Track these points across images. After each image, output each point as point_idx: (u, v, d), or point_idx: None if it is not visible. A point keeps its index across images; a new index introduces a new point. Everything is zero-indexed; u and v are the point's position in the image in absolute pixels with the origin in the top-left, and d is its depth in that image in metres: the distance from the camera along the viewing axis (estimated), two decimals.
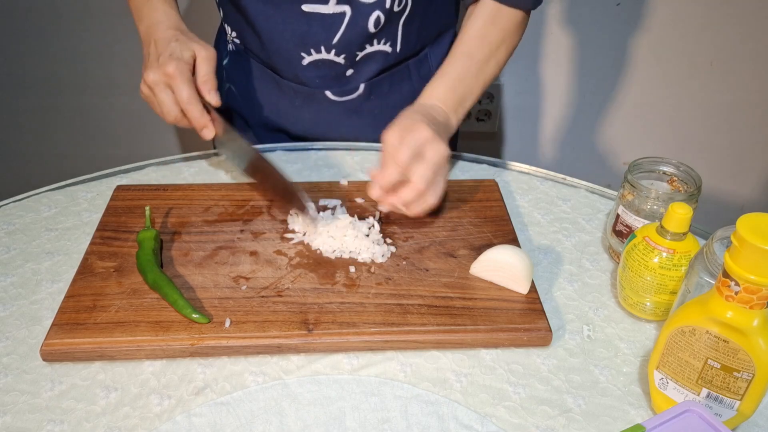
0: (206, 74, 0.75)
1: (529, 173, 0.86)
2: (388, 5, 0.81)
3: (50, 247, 0.73)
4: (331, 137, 0.94)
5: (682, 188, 0.67)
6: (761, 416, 0.56)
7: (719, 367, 0.49)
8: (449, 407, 0.56)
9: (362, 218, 0.73)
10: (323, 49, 0.85)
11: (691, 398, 0.52)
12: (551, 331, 0.61)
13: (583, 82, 1.59)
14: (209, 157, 0.88)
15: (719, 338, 0.48)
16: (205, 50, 0.76)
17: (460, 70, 0.78)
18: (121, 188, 0.79)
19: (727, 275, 0.45)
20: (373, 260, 0.68)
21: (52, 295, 0.66)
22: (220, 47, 0.96)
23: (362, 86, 0.91)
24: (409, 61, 0.92)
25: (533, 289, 0.65)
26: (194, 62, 0.75)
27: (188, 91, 0.73)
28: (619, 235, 0.69)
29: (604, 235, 0.75)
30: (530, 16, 0.83)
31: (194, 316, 0.60)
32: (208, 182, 0.82)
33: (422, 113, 0.72)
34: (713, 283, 0.49)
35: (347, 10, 0.81)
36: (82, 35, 1.53)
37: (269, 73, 0.91)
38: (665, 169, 0.69)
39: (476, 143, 1.71)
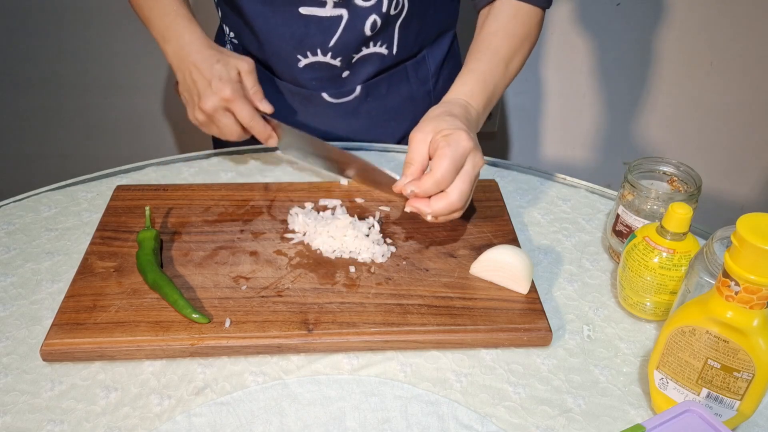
0: (254, 86, 0.78)
1: (529, 173, 0.86)
2: (384, 8, 0.81)
3: (50, 247, 0.73)
4: (328, 139, 0.94)
5: (682, 188, 0.67)
6: (761, 416, 0.56)
7: (719, 367, 0.49)
8: (449, 407, 0.56)
9: (362, 218, 0.73)
10: (319, 51, 0.84)
11: (691, 398, 0.52)
12: (551, 331, 0.61)
13: (583, 82, 1.59)
14: (209, 157, 0.88)
15: (719, 338, 0.48)
16: (246, 63, 0.78)
17: (487, 66, 0.75)
18: (121, 188, 0.79)
19: (727, 275, 0.45)
20: (373, 260, 0.68)
21: (52, 295, 0.66)
22: None
23: (359, 88, 0.90)
24: (406, 63, 0.92)
25: (533, 289, 0.65)
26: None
27: (249, 110, 0.77)
28: (619, 235, 0.69)
29: (604, 235, 0.75)
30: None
31: (194, 316, 0.60)
32: (208, 182, 0.82)
33: (457, 115, 0.68)
34: (713, 283, 0.49)
35: (344, 13, 0.81)
36: (82, 35, 1.53)
37: (267, 74, 0.91)
38: (665, 169, 0.69)
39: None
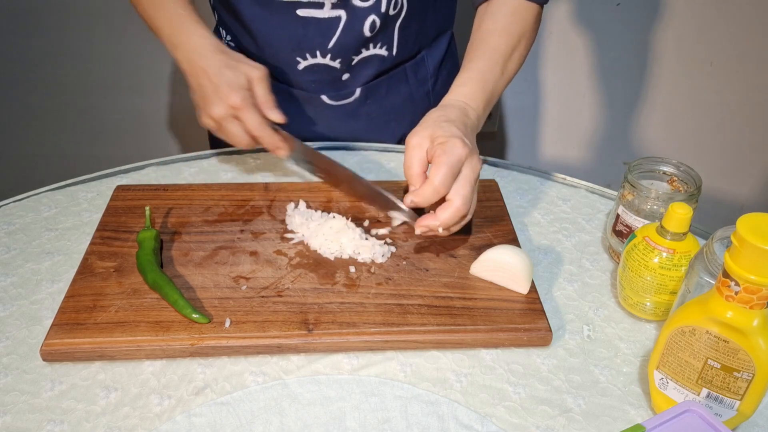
0: (264, 94, 0.75)
1: (528, 173, 0.86)
2: (383, 9, 0.81)
3: (50, 247, 0.73)
4: (328, 140, 0.94)
5: (682, 188, 0.67)
6: (761, 416, 0.56)
7: (719, 367, 0.49)
8: (449, 407, 0.56)
9: (361, 218, 0.73)
10: (319, 53, 0.84)
11: (691, 398, 0.52)
12: (551, 331, 0.61)
13: (582, 82, 1.59)
14: (209, 157, 0.88)
15: (719, 338, 0.48)
16: (257, 70, 0.75)
17: (485, 65, 0.74)
18: (121, 188, 0.79)
19: (727, 275, 0.45)
20: (373, 260, 0.68)
21: (52, 295, 0.66)
22: None
23: (358, 90, 0.90)
24: (405, 64, 0.92)
25: (533, 289, 0.65)
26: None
27: (256, 118, 0.74)
28: (619, 235, 0.69)
29: (604, 235, 0.75)
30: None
31: (194, 316, 0.60)
32: (208, 182, 0.82)
33: (453, 120, 0.68)
34: (713, 283, 0.49)
35: (342, 14, 0.81)
36: (83, 35, 1.53)
37: None
38: (665, 169, 0.69)
39: (476, 143, 1.71)
